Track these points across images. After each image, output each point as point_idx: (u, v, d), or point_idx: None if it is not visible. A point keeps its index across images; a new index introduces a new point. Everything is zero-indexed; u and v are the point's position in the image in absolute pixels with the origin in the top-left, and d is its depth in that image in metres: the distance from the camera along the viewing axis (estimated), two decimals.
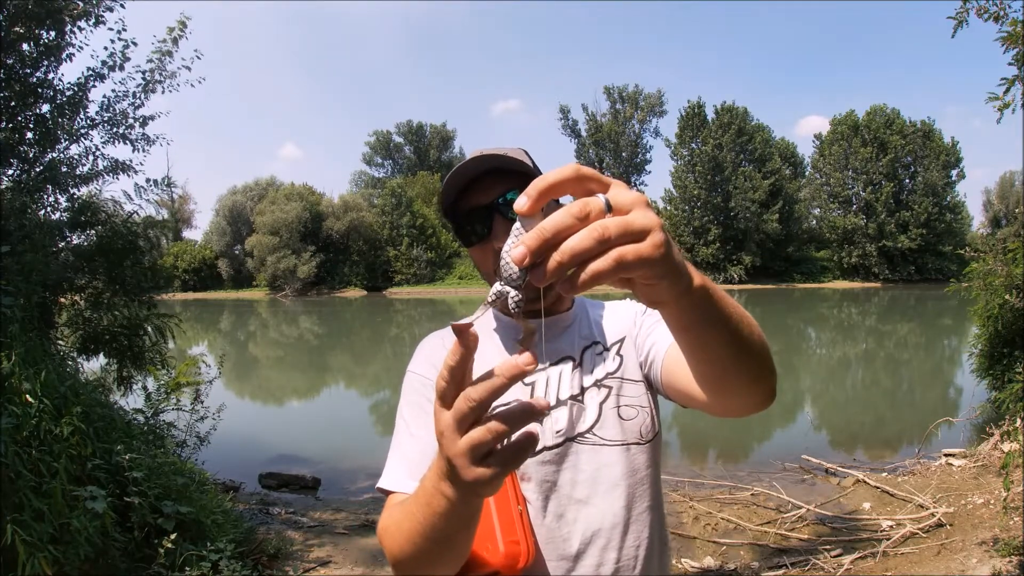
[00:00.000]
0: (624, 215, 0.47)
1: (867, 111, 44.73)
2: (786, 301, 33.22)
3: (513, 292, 0.47)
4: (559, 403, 0.93)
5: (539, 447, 0.90)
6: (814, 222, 46.83)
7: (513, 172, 0.91)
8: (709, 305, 0.59)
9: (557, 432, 0.91)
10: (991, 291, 5.15)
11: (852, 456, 6.51)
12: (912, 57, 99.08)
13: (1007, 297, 4.96)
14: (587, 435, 0.92)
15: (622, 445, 0.92)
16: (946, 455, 5.77)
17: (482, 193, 0.91)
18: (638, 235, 0.46)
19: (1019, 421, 4.72)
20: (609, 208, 0.47)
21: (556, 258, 0.45)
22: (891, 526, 4.28)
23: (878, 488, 5.05)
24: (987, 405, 6.12)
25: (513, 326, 0.99)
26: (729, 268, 42.67)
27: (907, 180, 43.86)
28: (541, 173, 0.92)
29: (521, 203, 0.46)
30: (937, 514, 4.29)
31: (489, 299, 0.48)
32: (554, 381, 0.94)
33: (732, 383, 0.71)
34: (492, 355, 0.96)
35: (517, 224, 0.47)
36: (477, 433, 0.48)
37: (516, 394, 0.91)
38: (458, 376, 0.49)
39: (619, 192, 0.48)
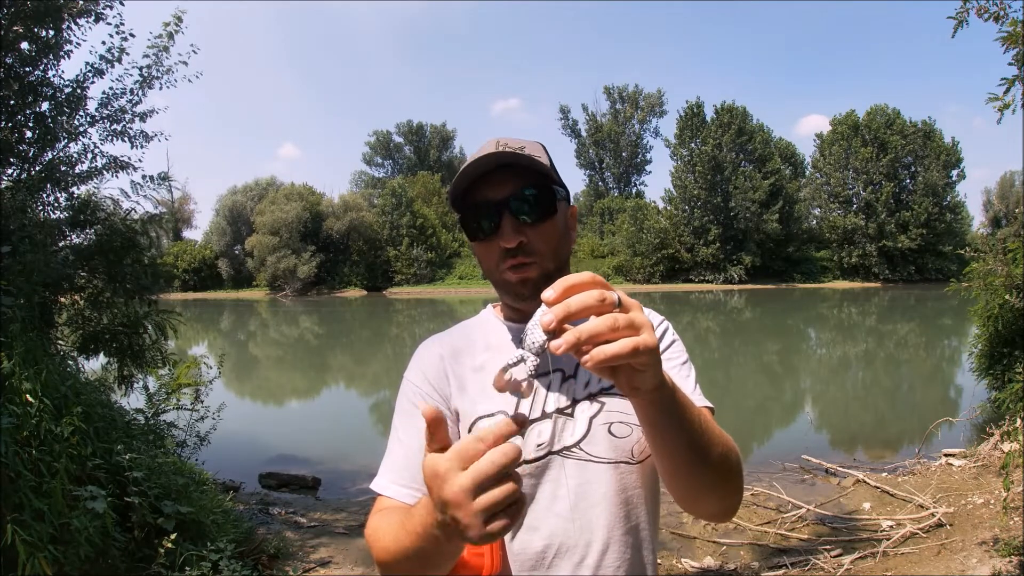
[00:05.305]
0: (626, 312, 0.58)
1: (867, 111, 44.59)
2: (786, 301, 33.21)
3: (532, 357, 0.57)
4: (544, 416, 0.90)
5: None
6: (814, 222, 46.70)
7: (526, 168, 0.88)
8: (674, 403, 0.69)
9: (539, 445, 0.89)
10: (991, 291, 5.15)
11: (852, 456, 6.51)
12: (913, 57, 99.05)
13: (1007, 297, 4.97)
14: (573, 449, 0.89)
15: (610, 463, 0.89)
16: (946, 455, 5.77)
17: (494, 188, 0.87)
18: (638, 329, 0.58)
19: (1019, 421, 4.72)
20: (619, 303, 0.59)
21: (576, 334, 0.55)
22: (891, 526, 4.28)
23: (878, 488, 5.04)
24: (987, 405, 6.12)
25: (521, 332, 0.98)
26: (729, 268, 42.60)
27: (907, 180, 43.75)
28: (555, 170, 0.94)
29: (549, 295, 0.57)
30: (937, 514, 4.29)
31: (511, 361, 0.59)
32: (541, 393, 0.92)
33: (686, 486, 0.79)
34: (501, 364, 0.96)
35: (543, 307, 0.58)
36: (494, 495, 0.54)
37: (502, 405, 0.90)
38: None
39: (622, 295, 0.60)
